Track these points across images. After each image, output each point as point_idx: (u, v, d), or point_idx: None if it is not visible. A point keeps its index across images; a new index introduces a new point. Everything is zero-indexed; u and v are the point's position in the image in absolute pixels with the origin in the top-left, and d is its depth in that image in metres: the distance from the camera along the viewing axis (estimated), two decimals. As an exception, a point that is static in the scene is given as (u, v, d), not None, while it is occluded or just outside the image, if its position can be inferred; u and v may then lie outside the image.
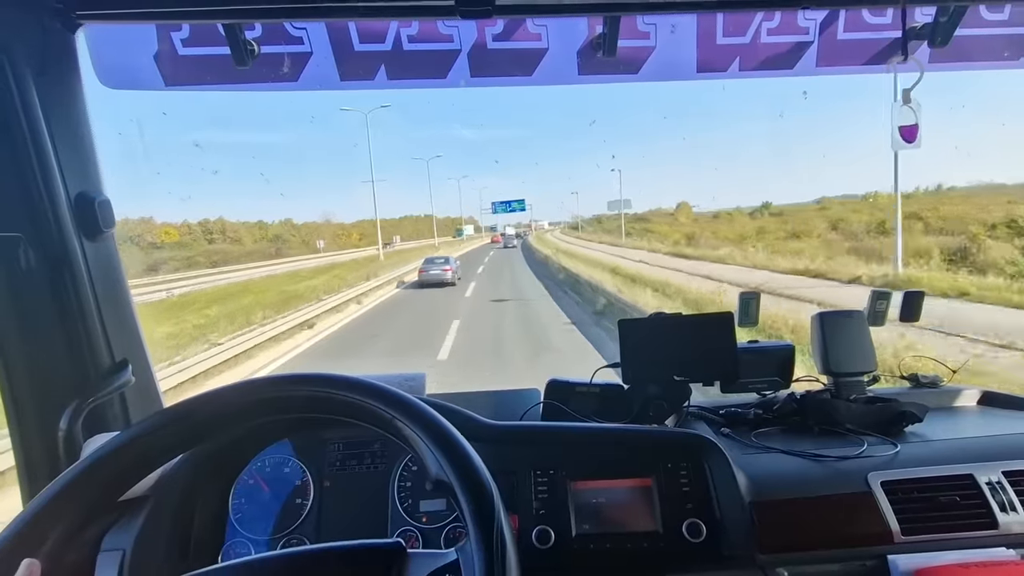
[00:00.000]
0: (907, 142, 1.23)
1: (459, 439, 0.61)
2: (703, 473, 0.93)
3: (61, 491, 0.55)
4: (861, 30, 1.20)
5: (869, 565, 0.87)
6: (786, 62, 1.22)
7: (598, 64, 1.17)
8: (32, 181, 0.87)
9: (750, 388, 1.26)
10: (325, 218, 72.17)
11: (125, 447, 0.59)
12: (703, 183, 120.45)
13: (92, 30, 1.03)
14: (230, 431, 0.66)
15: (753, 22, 1.18)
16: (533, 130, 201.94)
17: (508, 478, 0.92)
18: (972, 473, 0.92)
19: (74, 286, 0.93)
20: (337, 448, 1.02)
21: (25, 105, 0.85)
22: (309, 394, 0.63)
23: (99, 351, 0.97)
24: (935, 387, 1.33)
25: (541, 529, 0.89)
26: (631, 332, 1.14)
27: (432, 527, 0.96)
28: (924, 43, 1.16)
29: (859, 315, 1.25)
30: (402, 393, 0.63)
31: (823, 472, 0.95)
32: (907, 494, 0.90)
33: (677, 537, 0.89)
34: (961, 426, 1.16)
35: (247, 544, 0.94)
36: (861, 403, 1.16)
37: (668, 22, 1.15)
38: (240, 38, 1.01)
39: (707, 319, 1.14)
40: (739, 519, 0.89)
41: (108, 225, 0.97)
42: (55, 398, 0.92)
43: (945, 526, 0.88)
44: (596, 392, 1.20)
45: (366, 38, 1.12)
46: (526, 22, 1.14)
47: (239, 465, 0.99)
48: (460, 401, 1.00)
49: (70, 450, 0.91)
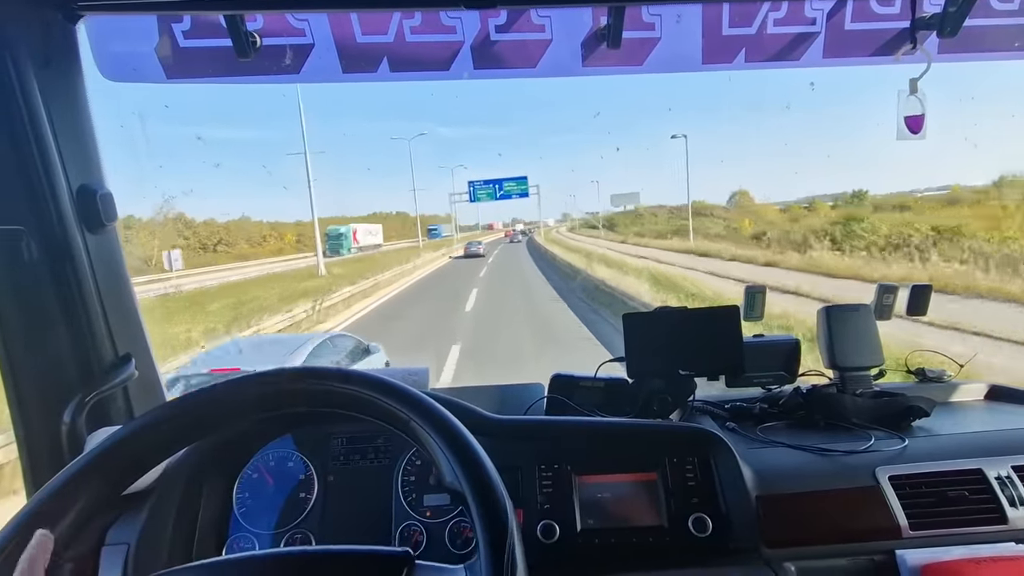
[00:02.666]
0: (912, 133, 1.22)
1: (480, 454, 0.59)
2: (709, 468, 0.93)
3: (65, 485, 0.55)
4: (869, 20, 1.18)
5: (877, 560, 0.86)
6: (792, 53, 1.20)
7: (602, 56, 1.16)
8: (34, 174, 0.87)
9: (755, 382, 1.25)
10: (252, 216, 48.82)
11: (129, 441, 0.58)
12: (712, 176, 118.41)
13: (93, 22, 1.02)
14: (234, 425, 0.65)
15: (759, 12, 1.16)
16: (530, 123, 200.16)
17: (513, 473, 0.92)
18: (981, 468, 0.91)
19: (76, 280, 0.92)
20: (341, 443, 1.02)
21: (26, 97, 0.85)
22: (321, 388, 0.61)
23: (102, 345, 0.97)
24: (941, 381, 1.32)
25: (546, 524, 0.88)
26: (636, 326, 1.13)
27: (436, 522, 0.95)
28: (933, 33, 1.15)
29: (865, 309, 1.24)
30: (420, 394, 0.61)
31: (830, 466, 0.94)
32: (915, 489, 0.90)
33: (683, 532, 0.88)
34: (969, 420, 1.16)
35: (251, 538, 0.94)
36: (868, 397, 1.16)
37: (673, 13, 1.14)
38: (242, 29, 1.00)
39: (712, 312, 1.13)
40: (745, 514, 0.88)
41: (110, 218, 0.97)
42: (58, 392, 0.92)
43: (954, 521, 0.87)
44: (600, 386, 1.19)
45: (368, 29, 1.11)
46: (530, 13, 1.12)
47: (243, 459, 0.99)
48: (464, 395, 1.00)
49: (74, 444, 0.91)
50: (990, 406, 1.25)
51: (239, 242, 41.50)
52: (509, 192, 34.51)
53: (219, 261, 33.92)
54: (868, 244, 17.76)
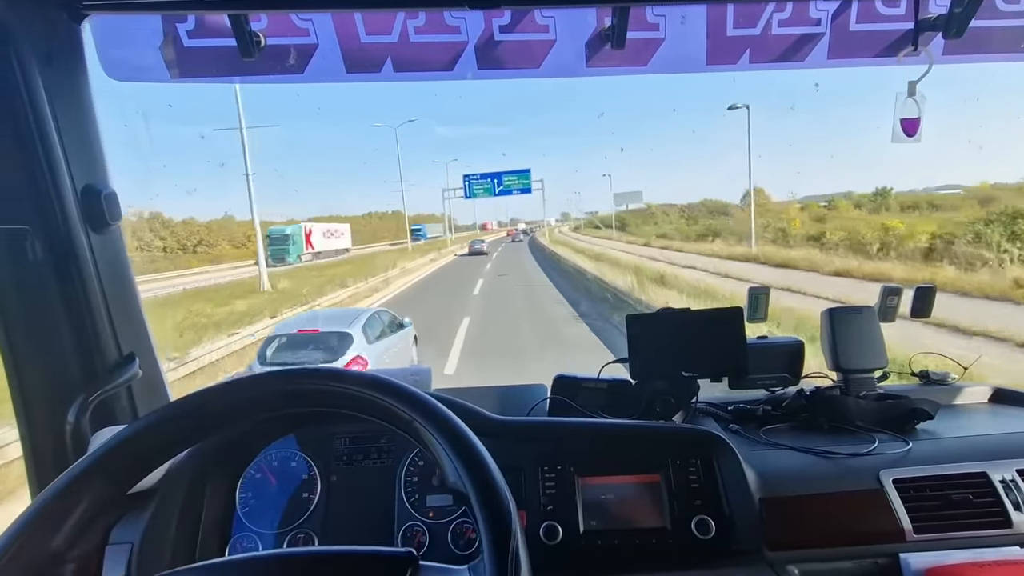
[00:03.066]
0: (908, 135, 1.22)
1: (483, 454, 0.59)
2: (712, 469, 0.93)
3: (70, 484, 0.55)
4: (874, 21, 1.18)
5: (881, 563, 0.86)
6: (797, 54, 1.20)
7: (606, 56, 1.16)
8: (39, 173, 0.87)
9: (759, 384, 1.25)
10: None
11: (133, 440, 0.58)
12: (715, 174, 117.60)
13: (98, 22, 1.02)
14: (238, 425, 0.65)
15: (764, 13, 1.16)
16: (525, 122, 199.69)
17: (516, 474, 0.92)
18: (986, 471, 0.91)
19: (81, 279, 0.92)
20: (344, 443, 1.02)
21: (32, 97, 0.85)
22: (332, 389, 0.61)
23: (106, 344, 0.97)
24: (945, 384, 1.32)
25: (549, 525, 0.88)
26: (639, 327, 1.13)
27: (438, 522, 0.95)
28: (938, 35, 1.14)
29: (869, 311, 1.24)
30: (422, 394, 0.61)
31: (834, 469, 0.94)
32: (919, 492, 0.89)
33: (686, 533, 0.88)
34: (973, 423, 1.15)
35: (254, 538, 0.94)
36: (871, 400, 1.15)
37: (678, 13, 1.14)
38: (246, 29, 1.00)
39: (716, 314, 1.13)
40: (748, 516, 0.88)
41: (114, 218, 0.97)
42: (62, 391, 0.92)
43: (958, 524, 0.87)
44: (603, 388, 1.19)
45: (372, 29, 1.11)
46: (534, 13, 1.12)
47: (246, 459, 0.99)
48: (467, 396, 1.00)
49: (77, 443, 0.91)
50: (994, 409, 1.25)
51: (220, 242, 39.63)
52: (509, 187, 30.85)
53: (194, 264, 32.15)
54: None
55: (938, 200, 27.16)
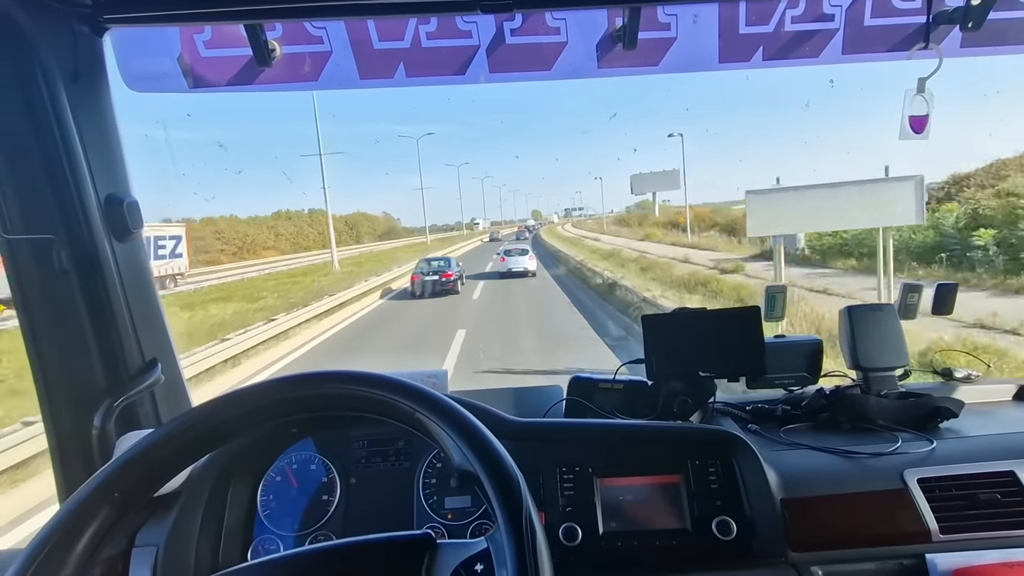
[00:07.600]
0: (915, 133, 1.20)
1: (481, 428, 0.60)
2: (732, 470, 0.92)
3: (98, 488, 0.56)
4: (889, 15, 1.16)
5: (906, 564, 0.85)
6: (811, 50, 1.19)
7: (618, 56, 1.16)
8: (64, 184, 0.89)
9: (777, 384, 1.24)
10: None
11: (159, 444, 0.59)
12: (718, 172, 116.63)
13: (118, 35, 1.04)
14: (255, 430, 0.66)
15: (777, 10, 1.15)
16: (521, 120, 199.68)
17: (534, 476, 0.92)
18: (1014, 470, 0.89)
19: (104, 286, 0.94)
20: (362, 445, 1.03)
21: (56, 109, 0.87)
22: (330, 392, 0.62)
23: (130, 350, 0.99)
24: (969, 381, 1.29)
25: (568, 526, 0.88)
26: (655, 327, 1.12)
27: (457, 524, 0.96)
28: (955, 28, 1.13)
29: (889, 308, 1.22)
30: (421, 386, 0.63)
31: (856, 469, 0.93)
32: (945, 491, 0.88)
33: (707, 535, 0.87)
34: (999, 421, 1.13)
35: (275, 540, 0.95)
36: (893, 398, 1.14)
37: (690, 12, 1.13)
38: (261, 39, 1.02)
39: (732, 313, 1.12)
40: (770, 517, 0.87)
41: (136, 226, 0.98)
42: (88, 397, 0.94)
43: (986, 524, 0.85)
44: (620, 388, 1.19)
45: (385, 36, 1.12)
46: (545, 16, 1.13)
47: (266, 463, 1.00)
48: (482, 398, 1.00)
49: (104, 447, 0.92)
50: (1020, 406, 1.22)
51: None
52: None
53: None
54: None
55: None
